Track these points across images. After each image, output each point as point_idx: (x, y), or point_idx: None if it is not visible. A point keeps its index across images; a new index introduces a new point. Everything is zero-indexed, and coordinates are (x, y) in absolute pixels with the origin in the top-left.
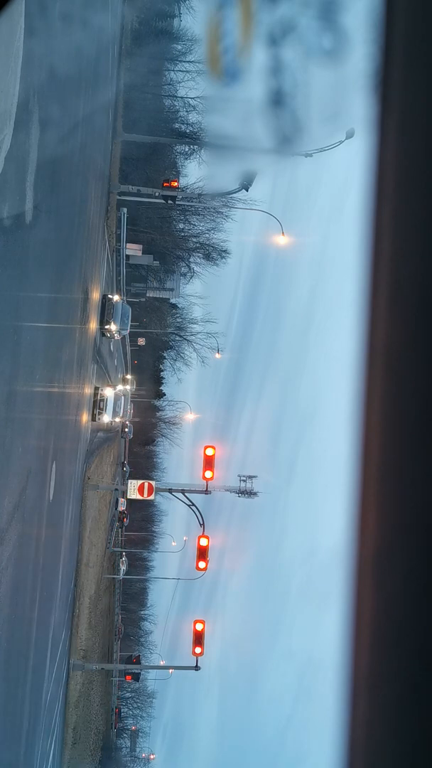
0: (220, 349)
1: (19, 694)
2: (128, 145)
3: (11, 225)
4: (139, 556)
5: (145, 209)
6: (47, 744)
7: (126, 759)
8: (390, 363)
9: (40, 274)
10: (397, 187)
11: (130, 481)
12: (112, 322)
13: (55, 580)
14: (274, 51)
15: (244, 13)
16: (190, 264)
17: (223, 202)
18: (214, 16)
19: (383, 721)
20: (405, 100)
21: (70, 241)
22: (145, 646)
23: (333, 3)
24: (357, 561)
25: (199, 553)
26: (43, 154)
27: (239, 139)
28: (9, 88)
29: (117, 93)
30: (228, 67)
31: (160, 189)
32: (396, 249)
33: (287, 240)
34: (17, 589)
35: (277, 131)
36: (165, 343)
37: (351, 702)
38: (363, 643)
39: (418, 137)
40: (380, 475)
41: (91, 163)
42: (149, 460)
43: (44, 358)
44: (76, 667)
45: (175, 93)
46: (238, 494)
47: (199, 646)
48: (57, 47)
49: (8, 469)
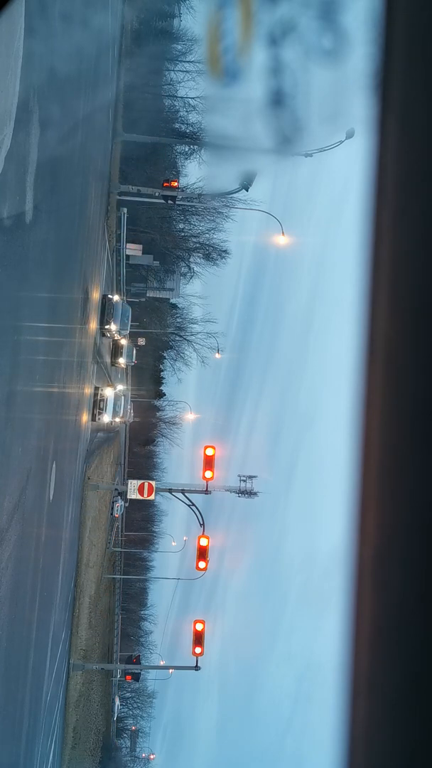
0: (220, 349)
1: (19, 694)
2: (128, 145)
3: (11, 225)
4: (139, 556)
5: (145, 209)
6: (47, 744)
7: (126, 759)
8: (390, 363)
9: (40, 274)
10: (397, 187)
11: (130, 480)
12: (112, 322)
13: (55, 580)
14: (274, 51)
15: (244, 13)
16: (190, 264)
17: (223, 202)
18: (214, 16)
19: (383, 721)
20: (405, 100)
21: (70, 241)
22: (145, 646)
23: (333, 3)
24: (357, 561)
25: (199, 553)
26: (43, 154)
27: (239, 139)
28: (9, 88)
29: (117, 93)
30: (228, 67)
31: (160, 189)
32: (396, 249)
33: (287, 240)
34: (17, 589)
35: (277, 131)
36: (165, 343)
37: (351, 702)
38: (363, 643)
39: (418, 137)
40: (380, 475)
41: (91, 163)
42: (149, 460)
43: (44, 358)
44: (76, 667)
45: (175, 93)
46: (238, 494)
47: (199, 646)
48: (57, 47)
49: (8, 469)
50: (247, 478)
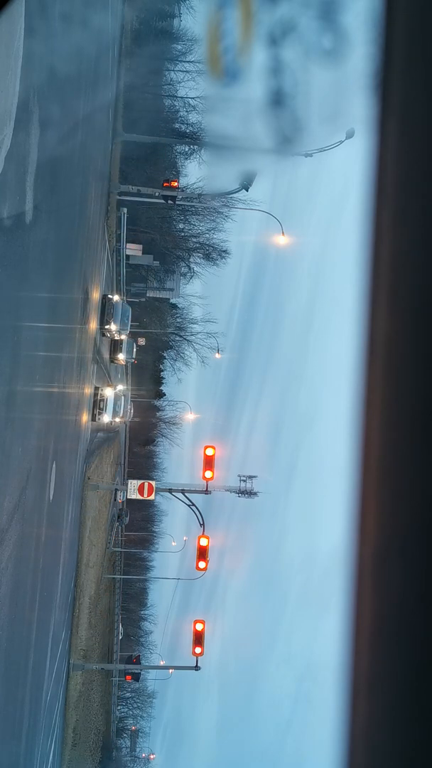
0: (220, 349)
1: (19, 694)
2: (128, 145)
3: (11, 225)
4: (139, 556)
5: (145, 209)
6: (47, 744)
7: (126, 759)
8: (390, 363)
9: (40, 274)
10: (397, 187)
11: (130, 480)
12: (112, 322)
13: (55, 580)
14: (274, 51)
15: (244, 13)
16: (190, 264)
17: (223, 202)
18: (214, 16)
19: (383, 721)
20: (405, 100)
21: (70, 241)
22: (145, 646)
23: (333, 3)
24: (357, 562)
25: (199, 553)
26: (43, 154)
27: (239, 139)
28: (9, 88)
29: (117, 93)
30: (228, 67)
31: (160, 189)
32: (396, 249)
33: (287, 240)
34: (17, 589)
35: (277, 131)
36: (165, 343)
37: (351, 703)
38: (363, 643)
39: (418, 137)
40: (380, 475)
41: (91, 163)
42: (149, 460)
43: (44, 358)
44: (76, 667)
45: (175, 93)
46: (238, 494)
47: (199, 646)
48: (57, 47)
49: (8, 469)
50: (247, 478)
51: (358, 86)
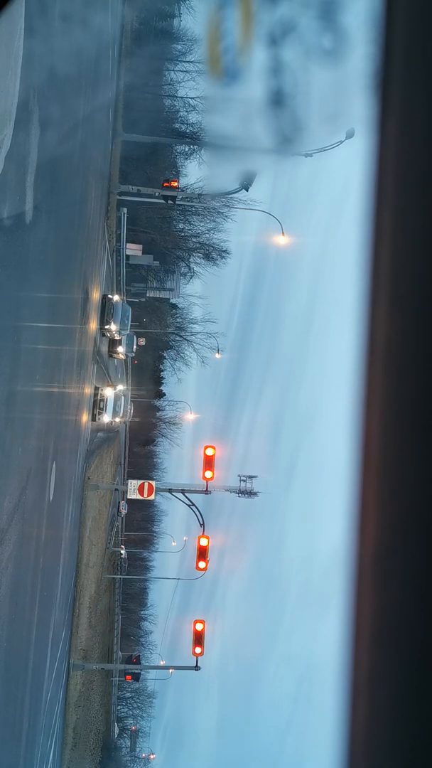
0: (220, 349)
1: (19, 694)
2: (128, 145)
3: (11, 225)
4: (139, 556)
5: (145, 209)
6: (47, 744)
7: (126, 759)
8: (390, 363)
9: (40, 274)
10: (397, 187)
11: (130, 480)
12: (112, 322)
13: (55, 580)
14: (274, 51)
15: (244, 13)
16: (190, 264)
17: (223, 202)
18: (214, 16)
19: (383, 721)
20: (405, 100)
21: (70, 241)
22: (145, 646)
23: (333, 3)
24: (357, 562)
25: (199, 553)
26: (43, 154)
27: (239, 139)
28: (9, 88)
29: (117, 93)
30: (228, 67)
31: (160, 189)
32: (396, 249)
33: (287, 240)
34: (17, 589)
35: (277, 131)
36: (165, 343)
37: (351, 702)
38: (363, 643)
39: (418, 137)
40: (380, 475)
41: (91, 163)
42: (149, 460)
43: (44, 358)
44: (76, 667)
45: (175, 93)
46: (238, 494)
47: (199, 646)
48: (57, 47)
49: (8, 469)
50: (247, 478)
51: (358, 86)
